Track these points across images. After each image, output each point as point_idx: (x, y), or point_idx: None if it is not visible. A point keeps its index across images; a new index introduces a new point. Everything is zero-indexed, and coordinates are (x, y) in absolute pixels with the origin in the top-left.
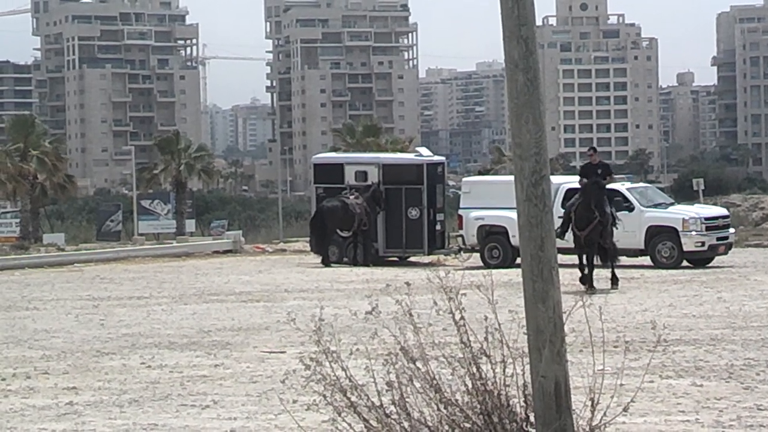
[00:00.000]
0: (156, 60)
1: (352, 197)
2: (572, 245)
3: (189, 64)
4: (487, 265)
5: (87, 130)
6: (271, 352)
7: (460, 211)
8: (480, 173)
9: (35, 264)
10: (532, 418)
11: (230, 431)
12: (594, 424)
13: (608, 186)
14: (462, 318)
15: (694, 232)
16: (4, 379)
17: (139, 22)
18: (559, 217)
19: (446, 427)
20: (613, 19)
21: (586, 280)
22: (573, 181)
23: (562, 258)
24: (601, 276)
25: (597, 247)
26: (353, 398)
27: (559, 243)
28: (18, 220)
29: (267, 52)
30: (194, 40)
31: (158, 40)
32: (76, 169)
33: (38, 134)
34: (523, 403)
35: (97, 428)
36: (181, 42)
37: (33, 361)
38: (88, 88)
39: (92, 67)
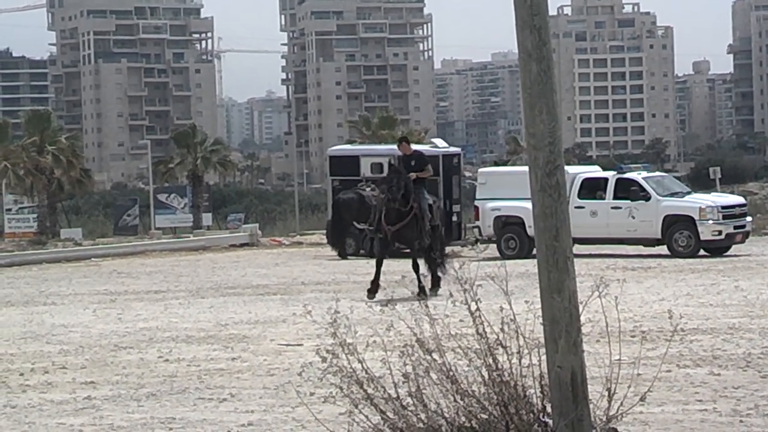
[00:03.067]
0: (171, 54)
1: (368, 189)
2: (590, 235)
3: (204, 57)
4: (503, 256)
5: (103, 124)
6: (288, 345)
7: (477, 202)
8: (496, 164)
9: (53, 259)
10: (548, 409)
11: (247, 424)
12: (611, 414)
13: (626, 176)
14: (478, 309)
15: (711, 221)
16: (22, 374)
17: (154, 16)
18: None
19: (463, 418)
20: (628, 8)
21: (422, 286)
22: (589, 171)
23: (577, 248)
24: (614, 266)
25: (418, 244)
26: (370, 390)
27: (575, 233)
28: (35, 216)
29: (282, 44)
30: (209, 34)
31: (173, 33)
32: (92, 164)
33: (54, 130)
34: (539, 394)
35: (115, 422)
36: (196, 35)
37: (51, 356)
38: (103, 83)
39: (108, 61)
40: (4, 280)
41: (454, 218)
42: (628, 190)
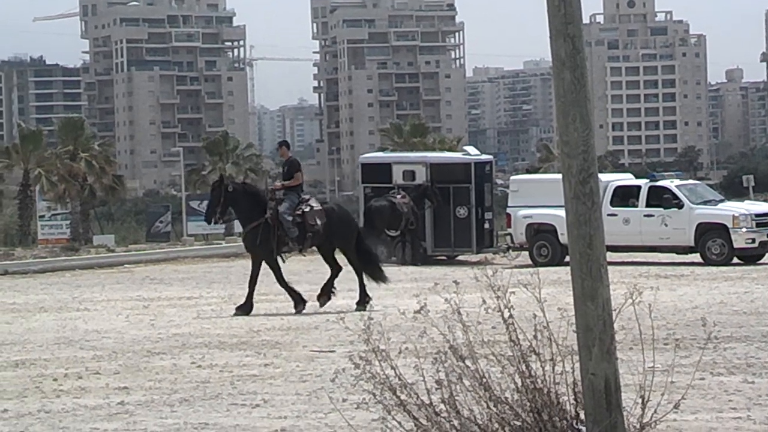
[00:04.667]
0: (204, 62)
1: (399, 196)
2: (623, 243)
3: (236, 65)
4: (535, 264)
5: (136, 132)
6: (320, 351)
7: (509, 210)
8: (528, 171)
9: (86, 265)
10: (582, 416)
11: (280, 430)
12: (645, 421)
13: (659, 183)
14: (511, 316)
15: (744, 229)
16: (56, 379)
17: (186, 24)
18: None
19: (496, 425)
20: (660, 16)
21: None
22: (622, 179)
23: (610, 256)
24: (647, 273)
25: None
26: (403, 397)
27: (608, 241)
28: (68, 222)
29: (314, 52)
30: (242, 42)
31: (206, 41)
32: (125, 171)
33: (87, 137)
34: (573, 401)
35: (148, 427)
36: (228, 43)
37: (84, 362)
38: (136, 91)
39: (140, 69)
40: (37, 286)
41: (486, 226)
42: (660, 198)
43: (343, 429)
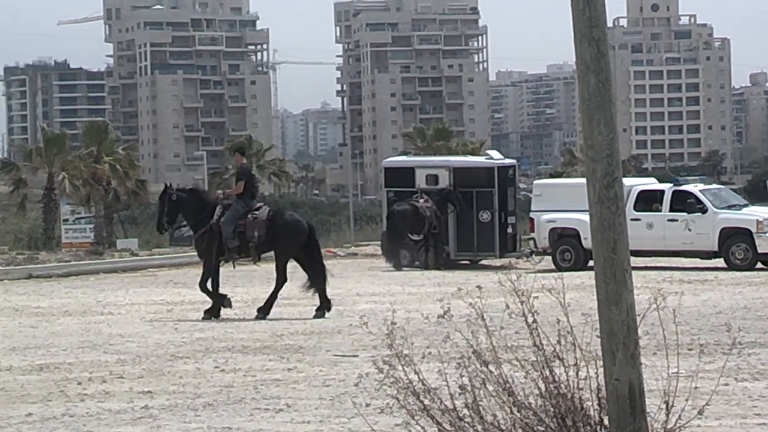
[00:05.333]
0: (227, 65)
1: (422, 200)
2: (646, 248)
3: (260, 69)
4: (558, 268)
5: (159, 135)
6: (343, 356)
7: (532, 214)
8: (551, 176)
9: (109, 269)
10: (606, 422)
11: None
12: (669, 427)
13: (683, 188)
14: (535, 321)
15: None
16: (80, 383)
17: (210, 28)
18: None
19: (519, 431)
20: (684, 20)
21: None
22: (645, 184)
23: (633, 260)
24: (670, 278)
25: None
26: (426, 401)
27: (631, 245)
28: (92, 226)
29: (337, 56)
30: (265, 45)
31: (229, 45)
32: (148, 175)
33: (111, 141)
34: (596, 407)
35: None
36: (251, 47)
37: (108, 366)
38: (160, 94)
39: (164, 73)
40: (61, 290)
41: (509, 230)
42: (684, 203)
43: None
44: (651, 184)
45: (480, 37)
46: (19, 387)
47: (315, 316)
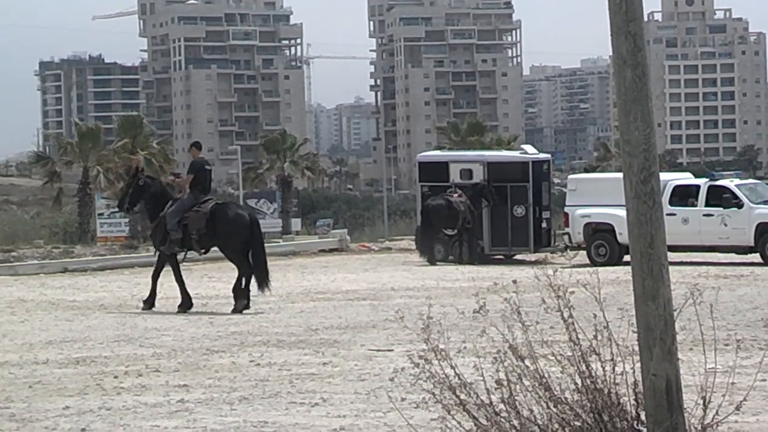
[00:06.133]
0: (261, 60)
1: (456, 195)
2: (682, 243)
3: (293, 63)
4: (593, 263)
5: (193, 130)
6: (378, 350)
7: (566, 209)
8: (586, 170)
9: (145, 263)
10: (643, 417)
11: (339, 428)
12: (706, 423)
13: (718, 183)
14: (571, 316)
15: None
16: (116, 377)
17: (244, 23)
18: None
19: (556, 426)
20: (719, 14)
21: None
22: (681, 178)
23: (668, 255)
24: (706, 274)
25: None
26: (462, 396)
27: (667, 240)
28: (127, 220)
29: (371, 51)
30: (298, 40)
31: (263, 40)
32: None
33: (146, 135)
34: (633, 402)
35: (208, 425)
36: (285, 42)
37: (144, 359)
38: (194, 89)
39: (198, 67)
40: (97, 284)
41: (544, 225)
42: (720, 198)
43: (402, 428)
44: (686, 179)
45: (514, 32)
46: (56, 380)
47: (232, 311)
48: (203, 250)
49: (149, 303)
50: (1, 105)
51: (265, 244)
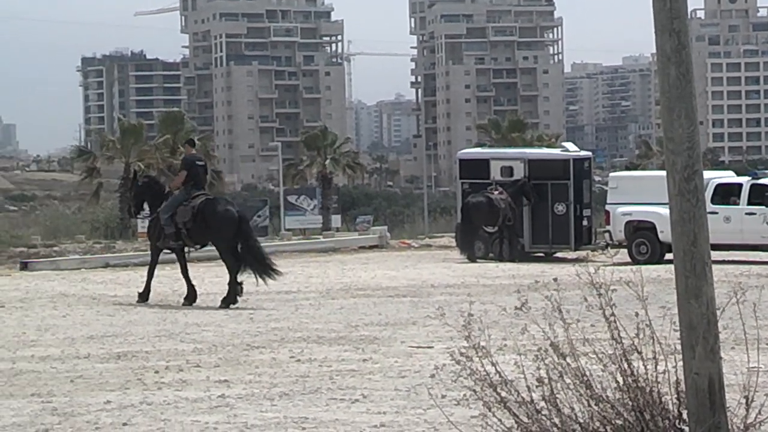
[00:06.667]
0: (302, 56)
1: (496, 192)
2: (724, 241)
3: (334, 60)
4: (634, 261)
5: (234, 126)
6: (418, 347)
7: (607, 207)
8: (627, 168)
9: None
10: (685, 416)
11: (380, 425)
12: (749, 422)
13: (761, 181)
14: (612, 314)
15: None
16: (157, 372)
17: (285, 19)
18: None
19: (597, 424)
20: (763, 12)
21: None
22: (723, 177)
23: (713, 254)
24: (748, 272)
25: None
26: (503, 393)
27: (712, 239)
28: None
29: (411, 47)
30: (339, 37)
31: (304, 36)
32: (223, 165)
33: (187, 131)
34: (675, 400)
35: (248, 421)
36: (326, 38)
37: (185, 354)
38: (235, 85)
39: (239, 64)
40: (138, 279)
41: (585, 223)
42: (762, 196)
43: (442, 425)
44: (729, 177)
45: (555, 29)
46: (98, 375)
47: (220, 306)
48: (197, 245)
49: (144, 297)
50: (44, 101)
51: (307, 241)
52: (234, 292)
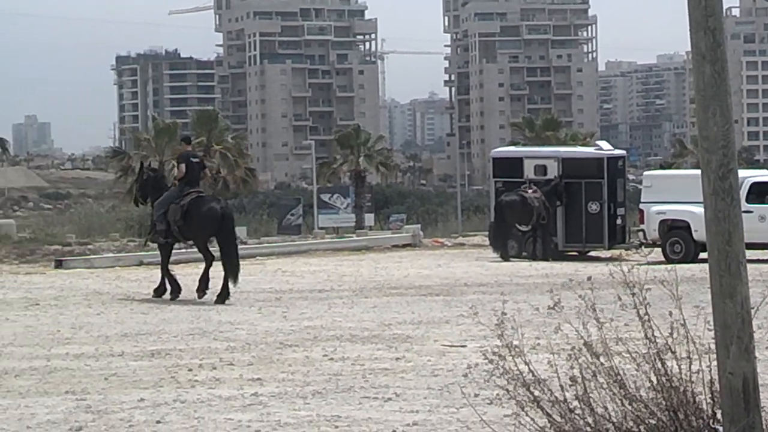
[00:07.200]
0: (335, 55)
1: (530, 191)
2: (758, 240)
3: (368, 58)
4: (668, 260)
5: (268, 124)
6: (451, 346)
7: (641, 206)
8: (661, 167)
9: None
10: (719, 415)
11: (412, 424)
12: None
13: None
14: (646, 313)
15: None
16: (190, 370)
17: (318, 18)
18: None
19: (631, 423)
20: None
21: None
22: (758, 175)
23: (747, 253)
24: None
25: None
26: (536, 393)
27: (747, 238)
28: None
29: (445, 46)
30: (373, 35)
31: (338, 35)
32: (257, 164)
33: (221, 129)
34: (709, 400)
35: (281, 419)
36: (360, 37)
37: (218, 353)
38: (268, 84)
39: (273, 62)
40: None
41: (618, 221)
42: None
43: (475, 424)
44: (764, 175)
45: (589, 27)
46: (131, 372)
47: (215, 302)
48: (190, 242)
49: (159, 292)
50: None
51: (341, 239)
52: (206, 282)
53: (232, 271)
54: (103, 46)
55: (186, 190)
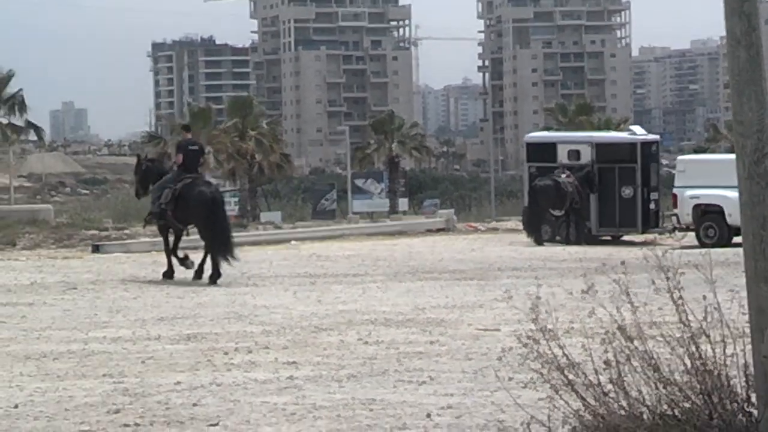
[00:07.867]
0: (369, 41)
1: (563, 176)
2: None
3: (402, 44)
4: (702, 245)
5: (302, 110)
6: (486, 330)
7: (675, 190)
8: (695, 151)
9: (253, 241)
10: (753, 399)
11: (447, 407)
12: None
13: None
14: (680, 297)
15: None
16: (226, 353)
17: (353, 4)
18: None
19: (665, 407)
20: None
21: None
22: None
23: None
24: None
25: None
26: (570, 376)
27: None
28: (237, 199)
29: (479, 32)
30: (407, 21)
31: (372, 21)
32: (291, 149)
33: (256, 115)
34: (744, 384)
35: (317, 402)
36: (394, 23)
37: (254, 336)
38: (303, 70)
39: (307, 49)
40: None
41: (652, 206)
42: None
43: (509, 407)
44: None
45: (623, 13)
46: (168, 356)
47: (208, 283)
48: (182, 226)
49: (168, 275)
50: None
51: (375, 224)
52: (217, 271)
53: (223, 252)
54: (139, 34)
55: (183, 176)
